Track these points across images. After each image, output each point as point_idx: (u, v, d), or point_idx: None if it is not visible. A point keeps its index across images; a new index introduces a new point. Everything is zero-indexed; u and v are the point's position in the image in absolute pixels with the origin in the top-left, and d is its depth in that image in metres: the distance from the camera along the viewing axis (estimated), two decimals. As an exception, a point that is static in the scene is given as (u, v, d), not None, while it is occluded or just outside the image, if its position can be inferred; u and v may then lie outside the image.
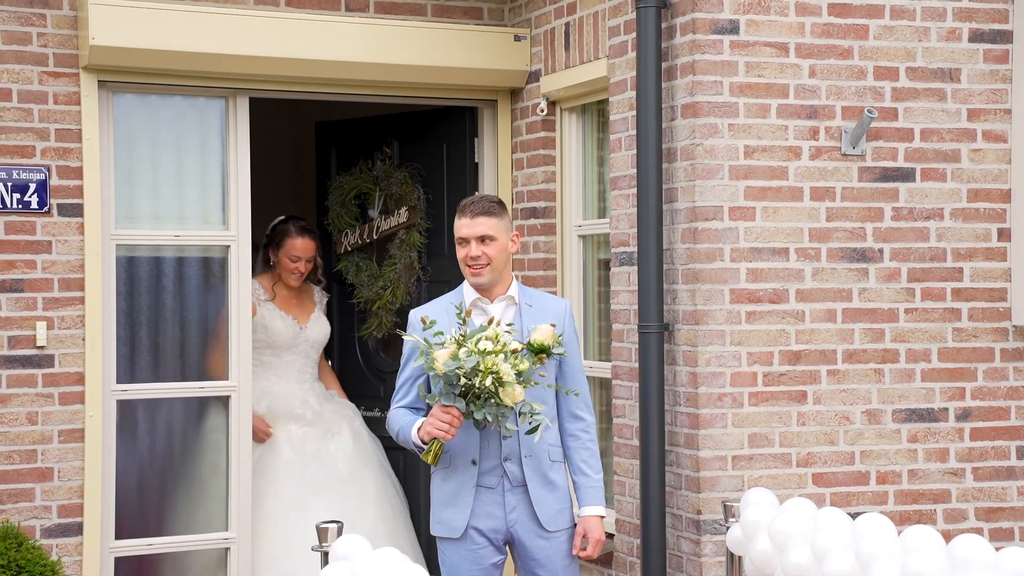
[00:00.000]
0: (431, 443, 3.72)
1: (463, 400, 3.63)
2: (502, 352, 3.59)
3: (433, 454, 3.73)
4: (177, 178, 5.16)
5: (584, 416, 3.90)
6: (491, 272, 3.83)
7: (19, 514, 4.77)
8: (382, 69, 5.21)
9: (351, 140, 6.08)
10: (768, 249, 4.45)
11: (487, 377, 3.55)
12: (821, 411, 4.49)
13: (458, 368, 3.56)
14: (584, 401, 3.91)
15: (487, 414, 3.60)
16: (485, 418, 3.62)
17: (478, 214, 3.82)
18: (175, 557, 5.20)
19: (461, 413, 3.65)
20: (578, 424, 3.89)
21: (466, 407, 3.63)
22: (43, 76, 4.84)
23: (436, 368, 3.61)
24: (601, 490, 3.90)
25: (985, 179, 4.68)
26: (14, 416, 4.79)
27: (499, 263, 3.83)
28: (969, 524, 4.60)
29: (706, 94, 4.39)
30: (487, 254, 3.80)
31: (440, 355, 3.61)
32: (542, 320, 3.81)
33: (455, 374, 3.58)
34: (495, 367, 3.56)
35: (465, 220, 3.82)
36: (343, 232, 6.02)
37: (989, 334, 4.67)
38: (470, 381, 3.57)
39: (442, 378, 3.62)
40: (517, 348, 3.63)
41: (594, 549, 3.88)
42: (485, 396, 3.59)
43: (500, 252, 3.82)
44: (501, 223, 3.84)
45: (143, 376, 5.10)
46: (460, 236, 3.84)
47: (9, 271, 4.80)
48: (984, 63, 4.67)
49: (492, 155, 5.57)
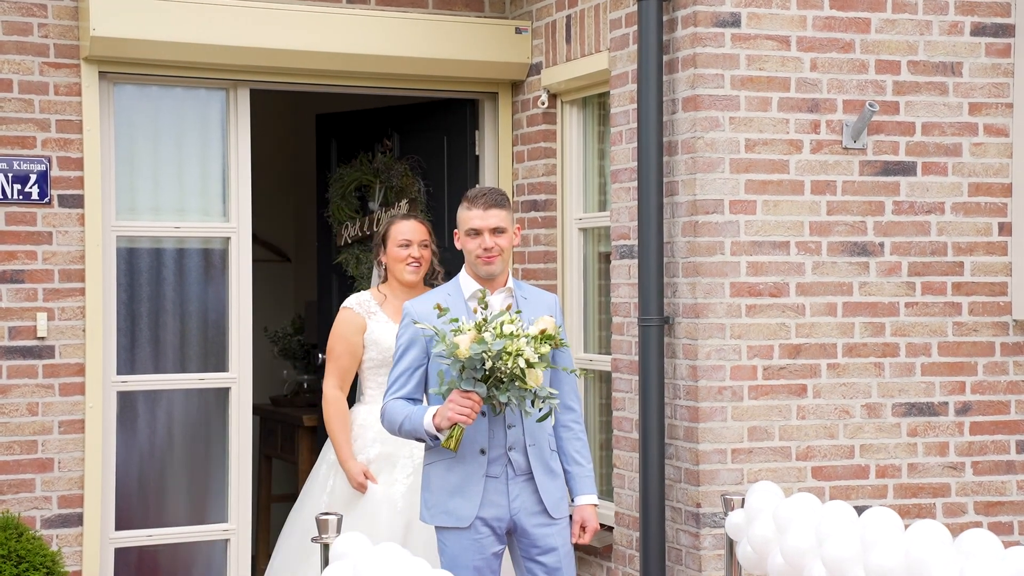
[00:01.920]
0: (452, 429, 3.72)
1: (484, 385, 3.65)
2: (524, 336, 3.62)
3: (456, 440, 3.74)
4: (178, 170, 5.16)
5: (574, 407, 3.98)
6: (502, 263, 3.89)
7: (19, 505, 4.77)
8: (383, 61, 5.20)
9: (351, 132, 6.08)
10: (769, 243, 4.45)
11: (513, 359, 3.57)
12: (821, 405, 4.50)
13: (485, 351, 3.58)
14: (574, 392, 3.99)
15: (512, 396, 3.63)
16: (510, 400, 3.64)
17: (491, 206, 3.86)
18: (175, 549, 5.20)
19: (481, 398, 3.67)
20: (570, 415, 3.97)
21: (487, 392, 3.65)
22: (44, 67, 4.84)
23: (459, 353, 3.62)
24: (593, 479, 4.01)
25: (986, 173, 4.68)
26: (14, 407, 4.80)
27: (508, 254, 3.91)
28: (968, 518, 4.61)
29: (707, 87, 4.39)
30: (499, 245, 3.85)
31: (462, 340, 3.63)
32: (536, 312, 3.85)
33: (480, 358, 3.59)
34: (521, 350, 3.59)
35: (477, 212, 3.85)
36: (343, 224, 6.02)
37: (989, 328, 4.67)
38: (495, 364, 3.59)
39: (465, 363, 3.63)
40: (536, 333, 3.66)
41: (591, 537, 3.99)
42: (509, 379, 3.62)
43: (509, 243, 3.90)
44: (509, 215, 3.92)
45: (143, 368, 5.10)
46: (472, 227, 3.85)
47: (9, 262, 4.80)
48: (986, 57, 4.67)
49: (493, 148, 5.56)
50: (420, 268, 4.52)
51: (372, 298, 4.53)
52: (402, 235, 4.50)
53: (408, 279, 4.49)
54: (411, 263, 4.49)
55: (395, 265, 4.51)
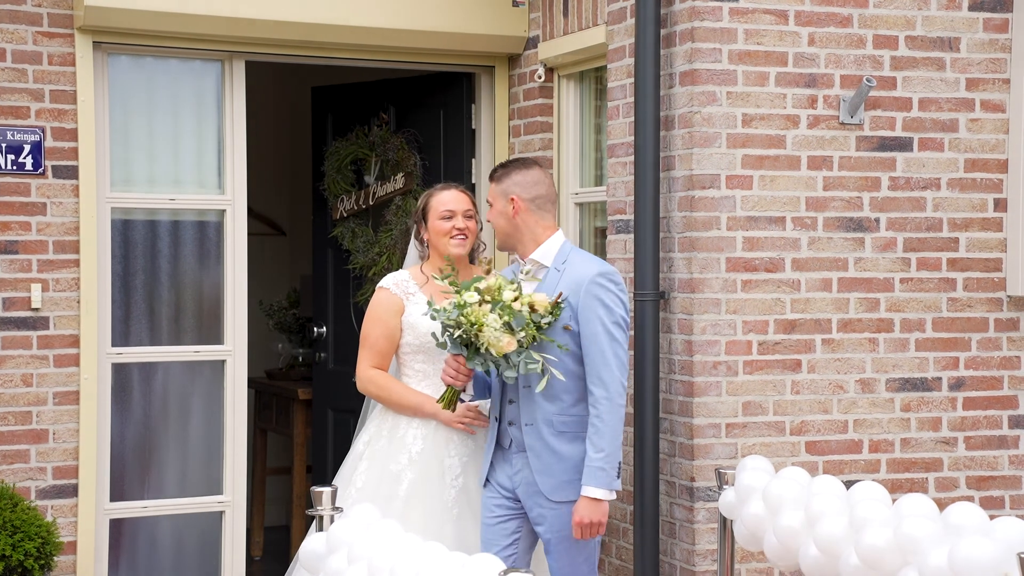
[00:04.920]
0: (446, 390, 3.87)
1: (465, 349, 3.73)
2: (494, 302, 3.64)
3: (447, 400, 3.85)
4: (173, 142, 5.14)
5: (594, 390, 3.73)
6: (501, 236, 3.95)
7: (14, 475, 4.78)
8: (379, 33, 5.18)
9: (348, 105, 6.05)
10: (765, 218, 4.45)
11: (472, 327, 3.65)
12: (815, 380, 4.51)
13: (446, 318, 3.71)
14: (598, 375, 3.72)
15: (485, 362, 3.70)
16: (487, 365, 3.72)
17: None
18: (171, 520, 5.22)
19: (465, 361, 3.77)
20: (591, 398, 3.75)
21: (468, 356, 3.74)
22: (37, 36, 4.81)
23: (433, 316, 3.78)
24: (601, 470, 3.69)
25: (983, 149, 4.68)
26: (9, 378, 4.79)
27: (508, 227, 3.91)
28: (960, 492, 4.63)
29: (705, 62, 4.37)
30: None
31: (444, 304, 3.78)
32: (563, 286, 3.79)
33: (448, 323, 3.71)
34: (475, 317, 3.62)
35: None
36: (339, 198, 6.01)
37: (983, 304, 4.68)
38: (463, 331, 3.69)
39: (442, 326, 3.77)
40: (511, 300, 3.68)
41: (577, 531, 3.74)
42: (476, 346, 3.69)
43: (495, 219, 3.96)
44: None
45: (138, 340, 5.10)
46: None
47: (3, 232, 4.79)
48: (984, 32, 4.65)
49: (489, 122, 5.55)
50: (467, 240, 4.10)
51: (411, 278, 4.12)
52: (444, 206, 4.09)
53: (455, 252, 4.06)
54: (456, 235, 4.07)
55: (439, 239, 4.08)
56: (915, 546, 2.97)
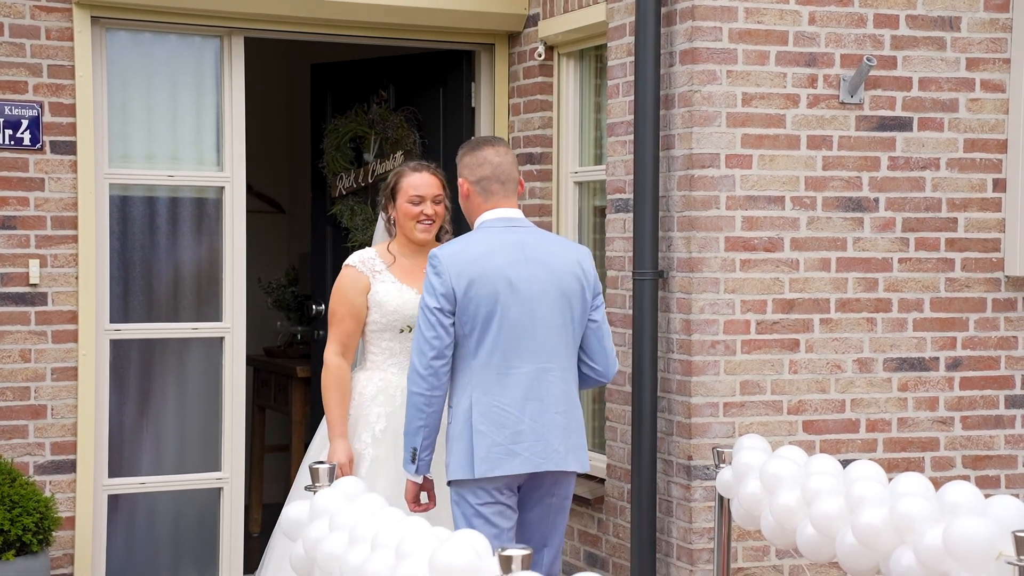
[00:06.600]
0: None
1: None
2: None
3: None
4: (171, 118, 5.13)
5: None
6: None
7: (12, 450, 4.79)
8: (379, 10, 5.16)
9: (347, 83, 6.04)
10: (764, 197, 4.44)
11: None
12: (813, 359, 4.51)
13: None
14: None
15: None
16: None
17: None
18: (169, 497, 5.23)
19: None
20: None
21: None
22: (35, 10, 4.79)
23: None
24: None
25: (982, 129, 4.67)
26: (7, 353, 4.80)
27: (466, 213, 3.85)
28: (956, 472, 4.65)
29: (705, 40, 4.36)
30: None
31: None
32: None
33: None
34: None
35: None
36: (338, 175, 6.00)
37: (981, 284, 4.68)
38: None
39: None
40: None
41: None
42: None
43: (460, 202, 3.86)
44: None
45: (137, 316, 5.10)
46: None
47: (1, 208, 4.78)
48: (984, 12, 4.64)
49: (489, 100, 5.54)
50: (434, 225, 4.05)
51: (378, 256, 4.07)
52: (415, 190, 4.01)
53: (420, 237, 4.03)
54: (423, 220, 4.02)
55: (405, 222, 4.04)
56: (911, 525, 2.98)
